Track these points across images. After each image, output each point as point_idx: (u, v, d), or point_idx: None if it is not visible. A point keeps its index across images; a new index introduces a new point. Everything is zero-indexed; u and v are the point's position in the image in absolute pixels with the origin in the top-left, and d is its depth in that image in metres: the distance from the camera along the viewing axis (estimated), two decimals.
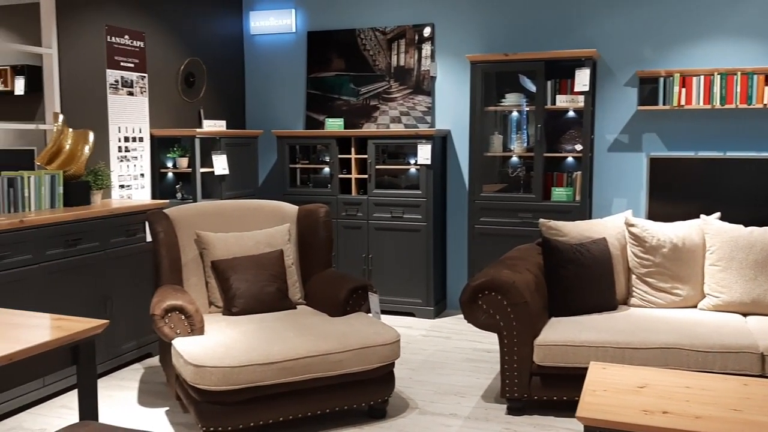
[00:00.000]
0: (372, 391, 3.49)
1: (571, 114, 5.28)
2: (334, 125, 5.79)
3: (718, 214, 4.17)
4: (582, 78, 4.96)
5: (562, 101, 5.13)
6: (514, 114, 5.41)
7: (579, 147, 5.21)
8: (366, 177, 5.60)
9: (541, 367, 3.53)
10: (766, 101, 4.72)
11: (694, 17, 5.04)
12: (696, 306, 3.97)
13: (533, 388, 3.57)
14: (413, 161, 5.59)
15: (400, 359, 4.50)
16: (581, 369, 3.47)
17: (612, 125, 5.31)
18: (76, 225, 3.93)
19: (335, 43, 6.01)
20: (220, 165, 5.27)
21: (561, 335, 3.52)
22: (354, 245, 5.63)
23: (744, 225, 4.03)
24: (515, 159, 5.47)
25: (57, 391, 3.90)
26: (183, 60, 5.57)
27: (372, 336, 3.45)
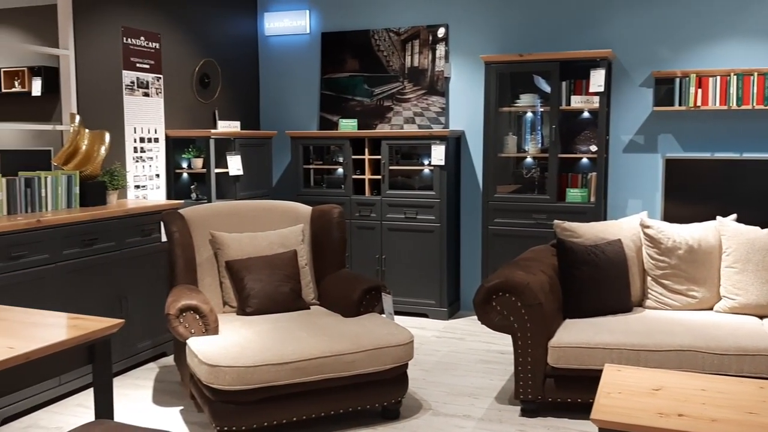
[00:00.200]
0: (385, 392, 3.49)
1: (586, 115, 5.26)
2: (347, 126, 5.80)
3: (734, 215, 4.14)
4: (597, 78, 4.94)
5: (576, 102, 5.10)
6: (528, 115, 5.39)
7: (594, 148, 5.18)
8: (379, 178, 5.60)
9: (555, 369, 3.52)
10: None
11: (710, 17, 5.01)
12: (712, 308, 3.94)
13: (547, 389, 3.56)
14: (427, 162, 5.58)
15: (413, 360, 4.50)
16: (596, 371, 3.45)
17: (627, 126, 5.29)
18: (92, 225, 3.96)
19: (349, 44, 6.02)
20: (234, 165, 5.29)
21: (575, 337, 3.50)
22: (367, 246, 5.64)
23: (760, 227, 3.99)
24: (529, 160, 5.45)
25: (73, 390, 3.92)
26: (198, 61, 5.60)
27: (385, 337, 3.45)
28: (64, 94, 4.49)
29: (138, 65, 4.98)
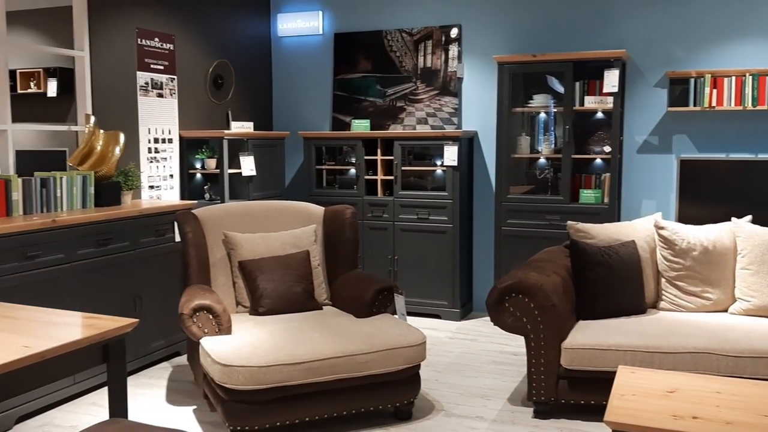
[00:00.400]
0: (397, 393, 3.49)
1: (600, 115, 5.23)
2: (360, 126, 5.80)
3: (749, 217, 4.11)
4: (611, 79, 4.92)
5: (590, 102, 5.08)
6: (541, 115, 5.38)
7: (608, 148, 5.16)
8: (392, 178, 5.60)
9: (569, 371, 3.50)
10: None
11: (725, 17, 4.97)
12: (726, 310, 3.91)
13: (560, 391, 3.54)
14: (439, 163, 5.58)
15: (425, 361, 4.50)
16: (609, 373, 3.43)
17: (641, 126, 5.26)
18: (107, 225, 3.99)
19: (362, 45, 6.03)
20: (247, 166, 5.31)
21: (589, 338, 3.49)
22: (380, 246, 5.64)
23: None
24: (543, 160, 5.44)
25: (87, 389, 3.95)
26: (212, 62, 5.63)
27: (398, 337, 3.45)
28: (79, 95, 4.52)
29: (152, 66, 5.01)
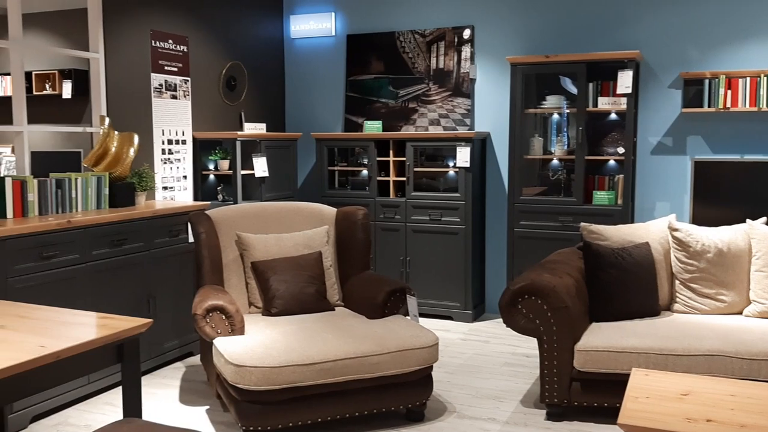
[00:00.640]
0: (410, 394, 3.49)
1: (614, 116, 5.21)
2: (372, 128, 5.81)
3: (764, 218, 4.07)
4: (624, 80, 4.89)
5: (604, 103, 5.06)
6: (554, 116, 5.36)
7: (621, 150, 5.13)
8: (404, 179, 5.60)
9: (582, 373, 3.49)
10: None
11: (739, 17, 4.94)
12: (741, 312, 3.88)
13: (573, 393, 3.53)
14: (452, 164, 5.57)
15: (438, 362, 4.49)
16: (622, 375, 3.42)
17: (655, 128, 5.23)
18: (121, 225, 4.01)
19: (374, 46, 6.03)
20: (260, 167, 5.33)
21: (602, 341, 3.47)
22: (392, 248, 5.64)
23: None
24: (556, 162, 5.42)
25: (102, 388, 3.98)
26: (225, 64, 5.65)
27: (410, 339, 3.45)
28: (93, 96, 4.56)
29: (166, 68, 5.04)
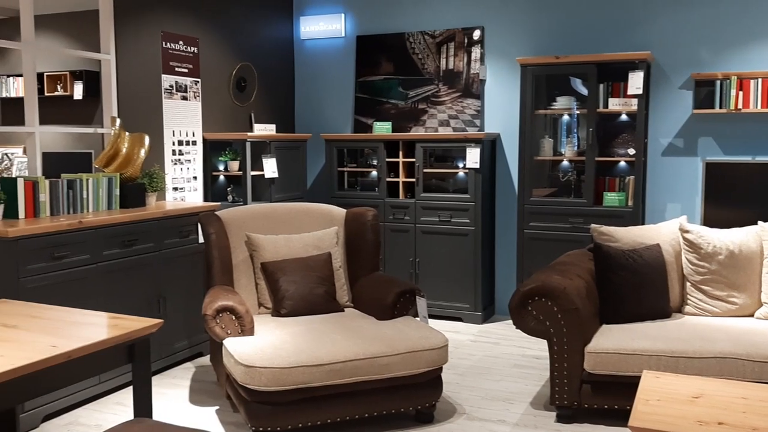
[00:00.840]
0: (419, 396, 3.48)
1: (624, 117, 5.19)
2: (382, 129, 5.81)
3: None
4: (635, 81, 4.87)
5: (614, 104, 5.04)
6: (564, 117, 5.34)
7: (632, 151, 5.11)
8: (414, 180, 5.60)
9: (592, 375, 3.48)
10: None
11: (751, 18, 4.91)
12: (753, 315, 3.85)
13: (583, 395, 3.52)
14: (461, 165, 5.57)
15: (447, 364, 4.49)
16: (633, 377, 3.40)
17: (666, 129, 5.21)
18: (132, 226, 4.03)
19: (384, 47, 6.03)
20: (270, 168, 5.34)
21: (613, 343, 3.46)
22: (401, 249, 5.64)
23: None
24: (566, 163, 5.40)
25: (112, 388, 3.99)
26: (235, 65, 5.67)
27: (419, 340, 3.44)
28: (105, 97, 4.58)
29: (177, 69, 5.06)
